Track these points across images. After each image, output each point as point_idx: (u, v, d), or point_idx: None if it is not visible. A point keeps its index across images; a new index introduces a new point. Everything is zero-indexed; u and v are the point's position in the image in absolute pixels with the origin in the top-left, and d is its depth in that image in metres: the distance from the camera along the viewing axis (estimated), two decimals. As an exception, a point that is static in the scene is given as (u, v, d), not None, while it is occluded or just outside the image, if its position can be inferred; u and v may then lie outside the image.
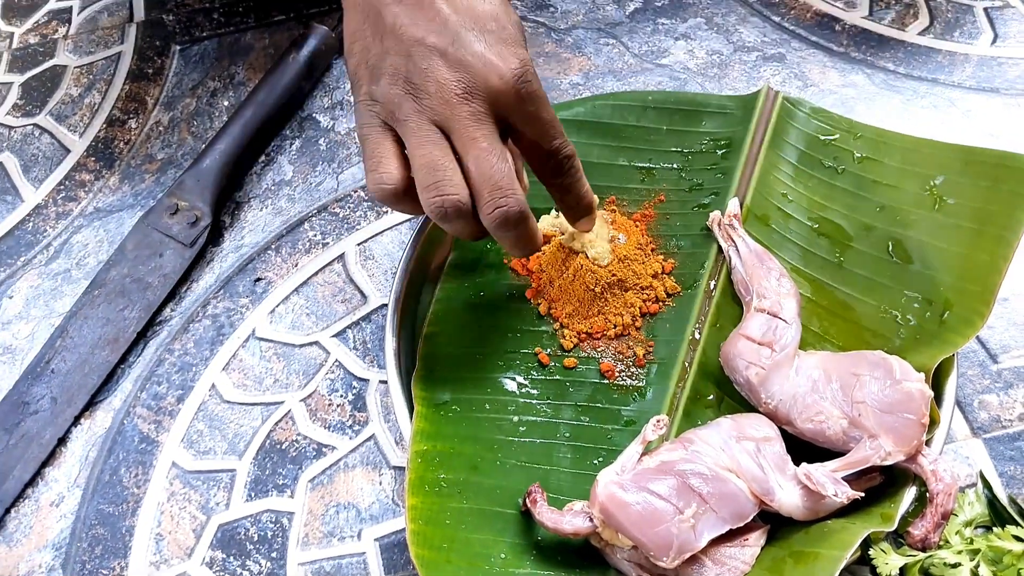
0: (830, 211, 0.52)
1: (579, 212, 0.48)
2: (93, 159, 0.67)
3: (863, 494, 0.41)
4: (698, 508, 0.41)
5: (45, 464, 0.53)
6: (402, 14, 0.41)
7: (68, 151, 0.68)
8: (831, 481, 0.41)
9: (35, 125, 0.70)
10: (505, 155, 0.41)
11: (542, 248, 0.46)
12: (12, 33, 0.77)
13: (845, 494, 0.40)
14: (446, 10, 0.41)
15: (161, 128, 0.68)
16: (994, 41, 0.66)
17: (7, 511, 0.51)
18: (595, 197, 0.48)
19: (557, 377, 0.49)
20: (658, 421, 0.43)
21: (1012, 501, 0.46)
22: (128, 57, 0.74)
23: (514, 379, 0.49)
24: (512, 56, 0.41)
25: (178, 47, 0.74)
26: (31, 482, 0.52)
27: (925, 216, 0.50)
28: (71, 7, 0.79)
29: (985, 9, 0.68)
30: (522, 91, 0.41)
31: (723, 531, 0.41)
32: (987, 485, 0.46)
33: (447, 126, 0.40)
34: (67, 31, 0.77)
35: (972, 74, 0.64)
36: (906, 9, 0.68)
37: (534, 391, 0.49)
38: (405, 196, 0.41)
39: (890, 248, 0.50)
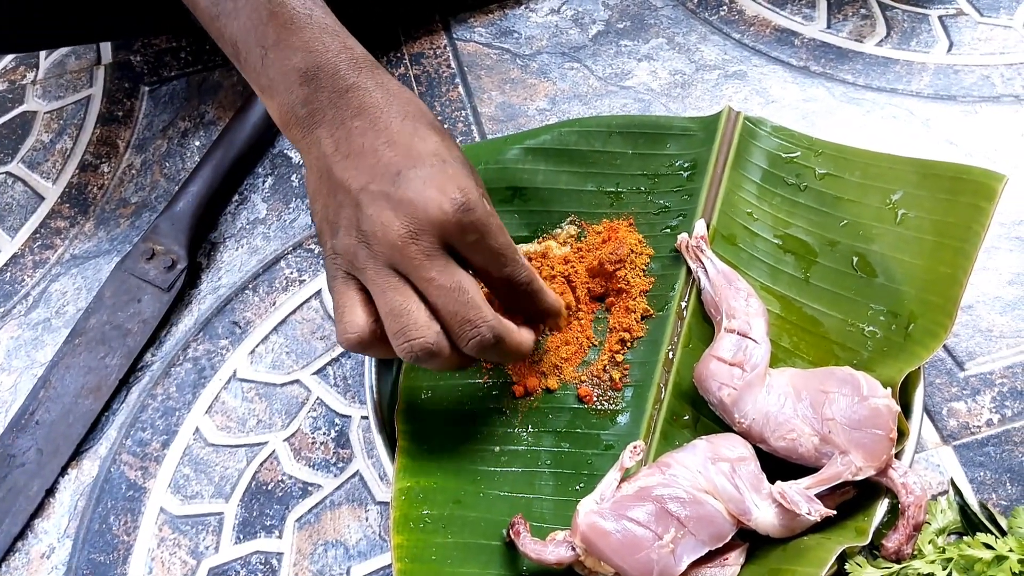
0: (795, 228, 0.53)
1: (546, 320, 0.48)
2: (67, 205, 0.68)
3: (835, 512, 0.42)
4: (677, 532, 0.41)
5: (34, 516, 0.53)
6: (349, 166, 0.42)
7: (42, 198, 0.68)
8: (804, 499, 0.42)
9: (7, 173, 0.71)
10: (466, 284, 0.41)
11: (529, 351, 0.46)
12: (-20, 81, 0.78)
13: (818, 512, 0.41)
14: (388, 154, 0.42)
15: (134, 171, 0.69)
16: (949, 49, 0.67)
17: (-2, 565, 0.52)
18: (561, 301, 0.48)
19: (536, 405, 0.50)
20: (635, 448, 0.44)
21: (983, 507, 0.47)
22: (98, 100, 0.74)
23: (494, 409, 0.50)
24: (452, 188, 0.41)
25: (147, 88, 0.74)
26: (20, 535, 0.52)
27: (887, 230, 0.51)
28: (38, 51, 0.79)
29: (940, 18, 0.69)
30: (463, 221, 0.41)
31: (702, 553, 0.42)
32: (958, 492, 0.48)
33: (402, 268, 0.41)
34: (35, 76, 0.77)
35: (930, 83, 0.65)
36: (863, 20, 0.70)
37: (514, 420, 0.50)
38: (374, 343, 0.41)
39: (854, 263, 0.51)
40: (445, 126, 0.67)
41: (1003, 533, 0.45)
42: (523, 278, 0.44)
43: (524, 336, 0.44)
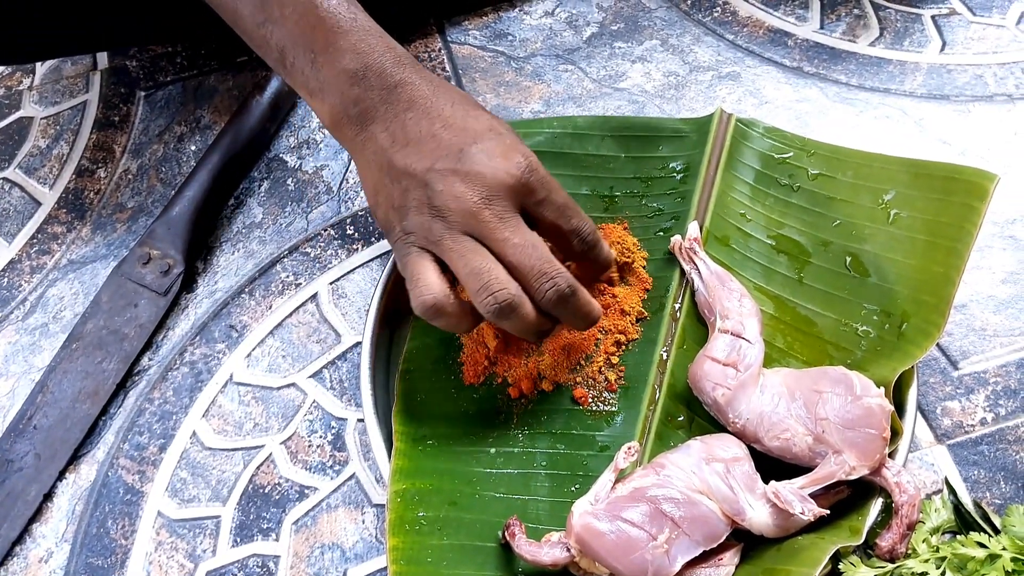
0: (788, 228, 0.54)
1: (601, 271, 0.51)
2: (64, 211, 0.68)
3: (828, 511, 0.42)
4: (671, 533, 0.42)
5: (32, 521, 0.53)
6: (409, 153, 0.44)
7: (39, 204, 0.69)
8: (798, 499, 0.42)
9: (4, 179, 0.71)
10: (538, 242, 0.44)
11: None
12: (-23, 87, 0.78)
13: (811, 511, 0.41)
14: (446, 136, 0.44)
15: (130, 176, 0.69)
16: (942, 49, 0.67)
17: (-4, 570, 0.52)
18: (612, 253, 0.51)
19: (532, 406, 0.50)
20: (629, 448, 0.44)
21: (977, 506, 0.47)
22: (94, 106, 0.74)
23: (490, 411, 0.50)
24: (515, 154, 0.44)
25: (143, 93, 0.74)
26: (19, 540, 0.52)
27: (879, 230, 0.51)
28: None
29: (932, 17, 0.70)
30: (531, 181, 0.44)
31: (697, 553, 0.42)
32: (952, 491, 0.48)
33: (478, 233, 0.43)
34: (32, 82, 0.77)
35: (923, 82, 0.65)
36: (856, 20, 0.70)
37: (510, 422, 0.50)
38: (446, 307, 0.43)
39: (847, 263, 0.51)
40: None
41: (997, 531, 0.45)
42: (589, 227, 0.47)
43: (592, 300, 0.46)
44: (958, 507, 0.47)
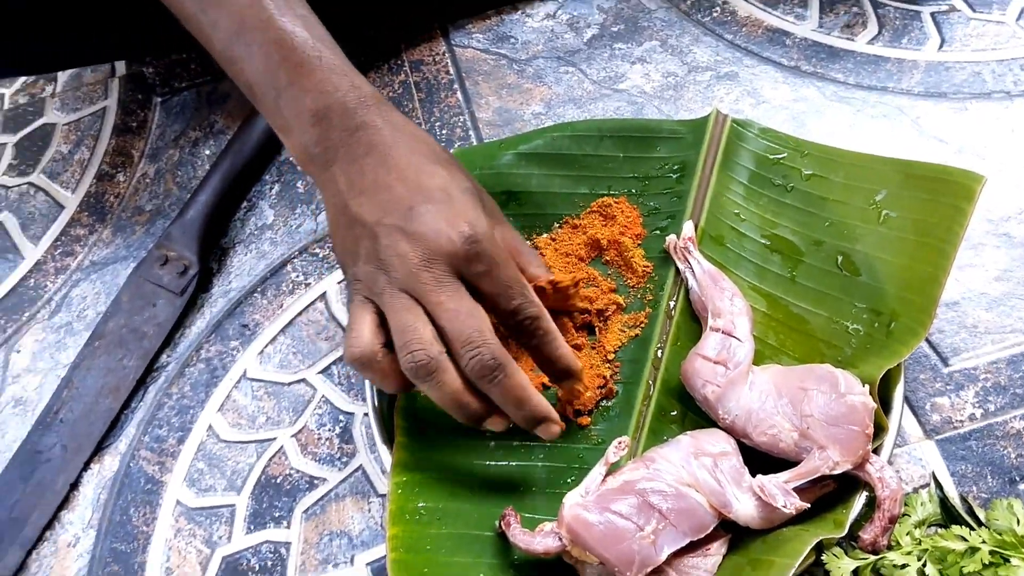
0: (781, 228, 0.55)
1: (556, 375, 0.48)
2: (86, 214, 0.71)
3: (809, 505, 0.43)
4: (658, 524, 0.43)
5: (60, 508, 0.56)
6: (364, 202, 0.45)
7: (62, 207, 0.72)
8: (782, 492, 0.43)
9: (30, 184, 0.74)
10: (475, 311, 0.44)
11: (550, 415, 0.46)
12: (3, 95, 0.81)
13: (794, 505, 0.43)
14: (400, 190, 0.45)
15: (148, 180, 0.72)
16: (941, 46, 0.68)
17: (28, 553, 0.55)
18: (578, 364, 0.47)
19: (530, 401, 0.52)
20: (619, 443, 0.46)
21: (963, 500, 0.48)
22: (113, 112, 0.77)
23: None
24: (460, 221, 0.44)
25: (159, 99, 0.77)
26: (48, 526, 0.55)
27: (870, 230, 0.52)
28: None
29: (932, 14, 0.70)
30: (471, 252, 0.44)
31: (683, 544, 0.43)
32: (939, 485, 0.49)
33: (416, 293, 0.44)
34: (54, 89, 0.80)
35: (920, 80, 0.66)
36: (855, 19, 0.70)
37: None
38: (372, 363, 0.44)
39: (839, 262, 0.52)
40: (444, 131, 0.69)
41: (981, 525, 0.46)
42: (530, 312, 0.45)
43: (531, 387, 0.45)
44: (944, 501, 0.48)
